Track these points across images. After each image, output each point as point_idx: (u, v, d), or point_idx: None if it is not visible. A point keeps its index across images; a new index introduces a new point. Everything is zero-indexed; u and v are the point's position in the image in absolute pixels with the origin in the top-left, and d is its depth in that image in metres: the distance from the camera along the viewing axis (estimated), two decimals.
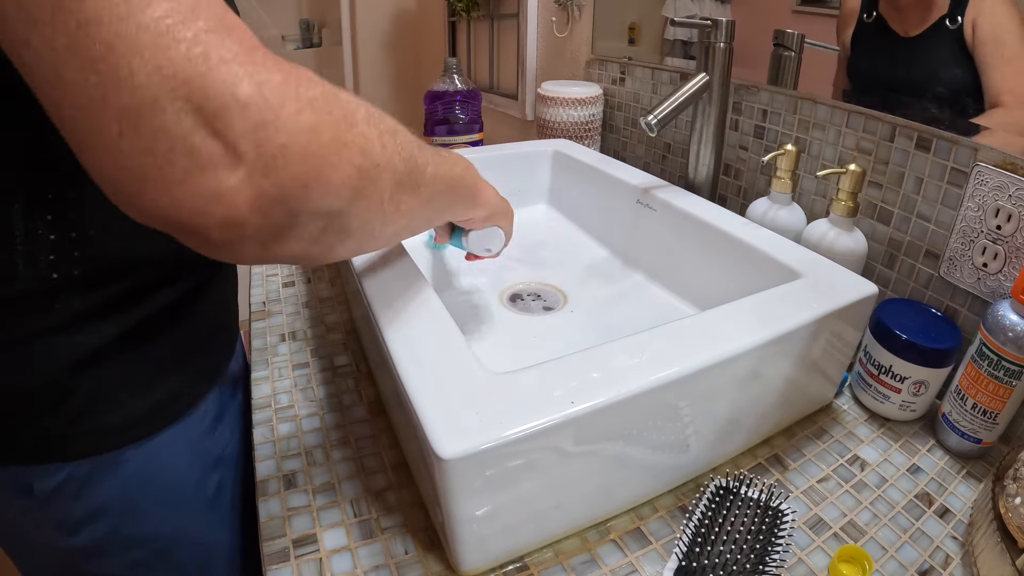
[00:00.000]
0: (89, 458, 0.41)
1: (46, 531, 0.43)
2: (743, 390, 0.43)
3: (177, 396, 0.45)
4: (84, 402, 0.39)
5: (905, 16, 0.55)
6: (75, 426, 0.39)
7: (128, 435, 0.42)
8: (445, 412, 0.33)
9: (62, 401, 0.38)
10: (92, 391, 0.39)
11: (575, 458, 0.36)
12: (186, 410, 0.46)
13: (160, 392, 0.43)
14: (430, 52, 1.79)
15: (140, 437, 0.43)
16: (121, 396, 0.41)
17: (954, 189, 0.53)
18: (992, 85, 0.50)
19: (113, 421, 0.41)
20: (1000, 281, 0.49)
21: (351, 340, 0.62)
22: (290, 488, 0.44)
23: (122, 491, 0.43)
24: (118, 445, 0.42)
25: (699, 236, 0.60)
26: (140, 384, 0.42)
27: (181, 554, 0.48)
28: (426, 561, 0.39)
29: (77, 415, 0.39)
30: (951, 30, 0.51)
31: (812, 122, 0.66)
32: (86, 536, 0.43)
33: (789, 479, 0.46)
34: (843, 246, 0.57)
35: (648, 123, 0.60)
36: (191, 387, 0.46)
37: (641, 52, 0.94)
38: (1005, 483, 0.39)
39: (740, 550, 0.36)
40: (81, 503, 0.42)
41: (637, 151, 0.96)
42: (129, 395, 0.41)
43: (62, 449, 0.40)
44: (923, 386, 0.50)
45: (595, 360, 0.37)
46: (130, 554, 0.46)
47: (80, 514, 0.42)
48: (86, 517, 0.42)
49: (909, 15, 0.55)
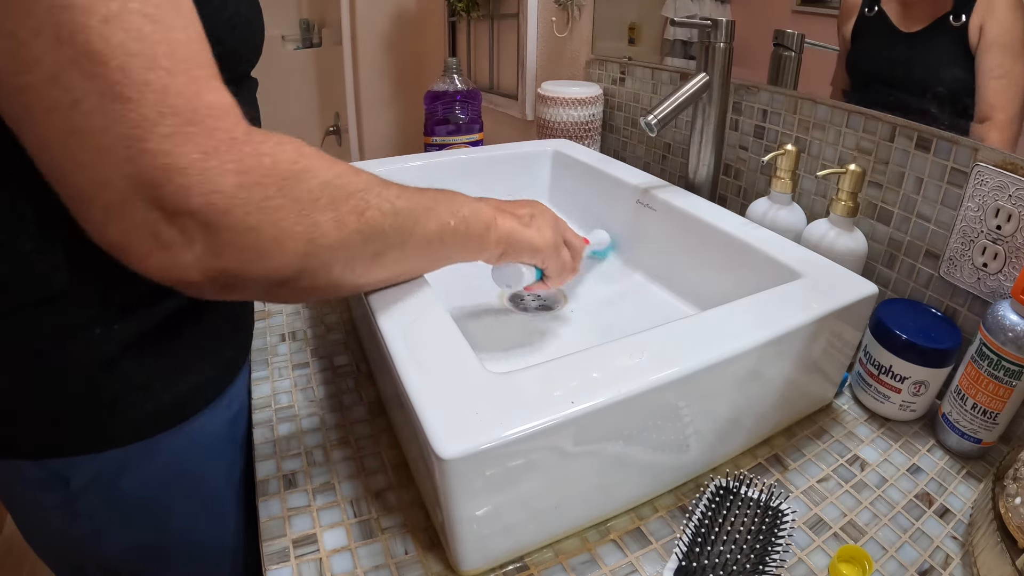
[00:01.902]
0: (124, 447, 0.42)
1: (79, 522, 0.44)
2: (743, 390, 0.43)
3: (203, 386, 0.47)
4: (116, 393, 0.40)
5: (908, 11, 0.55)
6: (110, 416, 0.41)
7: (162, 423, 0.44)
8: (445, 412, 0.33)
9: (95, 393, 0.40)
10: (124, 383, 0.40)
11: (575, 458, 0.36)
12: (212, 399, 0.47)
13: (187, 383, 0.45)
14: (430, 52, 1.79)
15: (173, 424, 0.44)
16: (153, 386, 0.42)
17: (954, 189, 0.53)
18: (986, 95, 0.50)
19: (146, 410, 0.42)
20: (1000, 281, 0.49)
21: (351, 340, 0.62)
22: (290, 488, 0.44)
23: (156, 477, 0.44)
24: (152, 433, 0.43)
25: (699, 236, 0.60)
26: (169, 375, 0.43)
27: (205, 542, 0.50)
28: (426, 561, 0.39)
29: (111, 405, 0.40)
30: (955, 27, 0.51)
31: (812, 122, 0.66)
32: (118, 525, 0.45)
33: (789, 479, 0.46)
34: (843, 246, 0.57)
35: (648, 123, 0.60)
36: (216, 378, 0.48)
37: (641, 52, 0.94)
38: (1005, 483, 0.39)
39: (740, 550, 0.36)
40: (115, 492, 0.43)
41: (637, 151, 0.96)
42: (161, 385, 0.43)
43: (98, 440, 0.41)
44: (923, 386, 0.50)
45: (595, 360, 0.37)
46: (158, 542, 0.47)
47: (114, 502, 0.44)
48: (120, 505, 0.44)
49: (912, 10, 0.54)
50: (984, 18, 0.49)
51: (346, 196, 0.33)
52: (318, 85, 2.42)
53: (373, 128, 1.90)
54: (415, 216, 0.38)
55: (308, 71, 2.41)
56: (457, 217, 0.42)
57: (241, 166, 0.28)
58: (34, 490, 0.42)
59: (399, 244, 0.38)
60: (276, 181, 0.29)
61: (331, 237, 0.32)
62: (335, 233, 0.32)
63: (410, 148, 1.94)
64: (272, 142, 0.30)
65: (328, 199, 0.32)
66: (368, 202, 0.34)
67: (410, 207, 0.38)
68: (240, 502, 0.52)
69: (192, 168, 0.27)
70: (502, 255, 0.47)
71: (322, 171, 0.32)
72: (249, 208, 0.28)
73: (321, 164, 0.32)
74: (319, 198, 0.31)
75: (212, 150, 0.27)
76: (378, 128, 1.91)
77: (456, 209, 0.42)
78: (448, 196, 0.43)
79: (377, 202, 0.35)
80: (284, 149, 0.30)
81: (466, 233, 0.43)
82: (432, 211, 0.40)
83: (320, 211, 0.31)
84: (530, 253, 0.49)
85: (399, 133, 1.94)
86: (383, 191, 0.36)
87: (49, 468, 0.41)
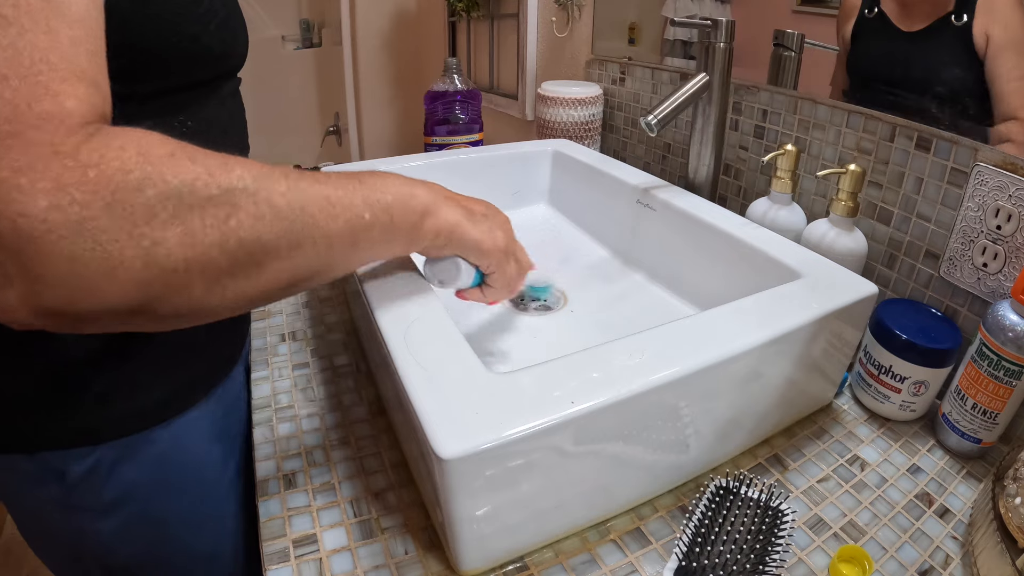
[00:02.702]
0: (119, 440, 0.42)
1: (76, 516, 0.44)
2: (743, 390, 0.43)
3: (197, 380, 0.46)
4: (108, 387, 0.40)
5: (909, 11, 0.55)
6: (104, 409, 0.41)
7: (155, 416, 0.44)
8: (445, 412, 0.33)
9: (85, 386, 0.39)
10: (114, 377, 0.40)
11: (575, 458, 0.36)
12: (207, 393, 0.47)
13: (180, 376, 0.44)
14: (430, 52, 1.79)
15: (167, 417, 0.44)
16: (145, 380, 0.42)
17: (954, 189, 0.53)
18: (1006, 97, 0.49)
19: (140, 403, 0.42)
20: (1000, 281, 0.49)
21: (351, 340, 0.62)
22: (290, 488, 0.44)
23: (151, 471, 0.45)
24: (146, 426, 0.43)
25: (699, 236, 0.60)
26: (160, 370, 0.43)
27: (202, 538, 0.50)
28: (426, 561, 0.39)
29: (104, 399, 0.40)
30: (956, 27, 0.51)
31: (812, 122, 0.66)
32: (116, 519, 0.45)
33: (789, 479, 0.46)
34: (843, 246, 0.57)
35: (648, 123, 0.60)
36: (210, 372, 0.48)
37: (641, 52, 0.94)
38: (1005, 483, 0.39)
39: (740, 550, 0.36)
40: (112, 485, 0.43)
41: (637, 151, 0.96)
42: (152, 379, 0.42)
43: (92, 433, 0.41)
44: (923, 386, 0.50)
45: (595, 360, 0.37)
46: (155, 537, 0.47)
47: (111, 496, 0.44)
48: (117, 499, 0.44)
49: (913, 10, 0.54)
50: (988, 23, 0.49)
51: (200, 204, 0.27)
52: (318, 85, 2.42)
53: (373, 128, 1.90)
54: (308, 215, 0.32)
55: (308, 71, 2.41)
56: (376, 208, 0.35)
57: (57, 183, 0.23)
58: (30, 484, 0.43)
59: (287, 250, 0.31)
60: (102, 197, 0.24)
61: (176, 256, 0.27)
62: (182, 251, 0.27)
63: (410, 148, 1.94)
64: (114, 147, 0.25)
65: (171, 211, 0.26)
66: (235, 206, 0.29)
67: (301, 204, 0.32)
68: (238, 497, 0.52)
69: (3, 185, 0.23)
70: (441, 248, 0.41)
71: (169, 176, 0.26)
72: (64, 232, 0.24)
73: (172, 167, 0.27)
74: (158, 212, 0.26)
75: (26, 166, 0.23)
76: (378, 128, 1.91)
77: (377, 198, 0.36)
78: (371, 182, 0.36)
79: (249, 205, 0.29)
80: (121, 155, 0.25)
81: (389, 226, 0.37)
82: (339, 204, 0.34)
83: (160, 227, 0.26)
84: (476, 253, 0.42)
85: (399, 133, 1.94)
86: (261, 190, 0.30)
87: (43, 461, 0.41)
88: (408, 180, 0.39)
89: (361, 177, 0.36)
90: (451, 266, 0.43)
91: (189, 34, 0.37)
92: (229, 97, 0.47)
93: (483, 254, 0.43)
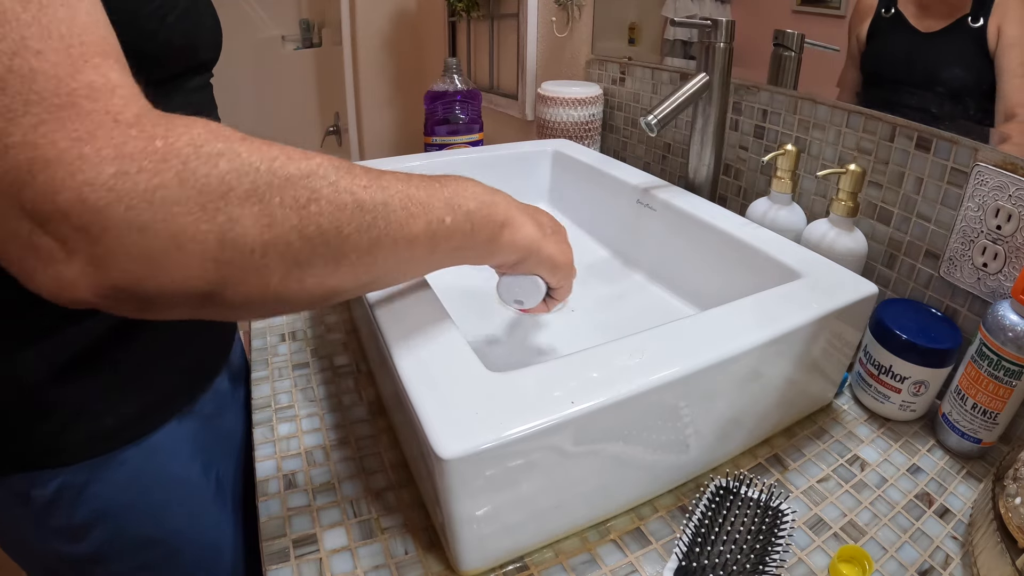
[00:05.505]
0: (84, 462, 0.40)
1: (51, 540, 0.42)
2: (743, 390, 0.43)
3: (171, 396, 0.45)
4: (71, 408, 0.38)
5: (926, 12, 0.54)
6: (66, 431, 0.39)
7: (123, 436, 0.42)
8: (445, 412, 0.33)
9: (49, 408, 0.38)
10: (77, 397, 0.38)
11: (575, 458, 0.36)
12: (183, 407, 0.45)
13: (152, 393, 0.43)
14: (430, 52, 1.79)
15: (136, 437, 0.42)
16: (112, 399, 0.40)
17: (954, 189, 0.53)
18: (1009, 94, 0.49)
19: (106, 424, 0.40)
20: (1000, 281, 0.49)
21: (351, 340, 0.62)
22: (290, 488, 0.44)
23: (123, 492, 0.43)
24: (114, 447, 0.41)
25: (699, 236, 0.60)
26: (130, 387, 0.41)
27: (188, 554, 0.48)
28: (426, 561, 0.39)
29: (67, 421, 0.39)
30: (972, 29, 0.50)
31: (812, 122, 0.66)
32: (91, 542, 0.43)
33: (789, 479, 0.46)
34: (843, 246, 0.57)
35: (648, 123, 0.60)
36: (185, 385, 0.46)
37: (641, 52, 0.94)
38: (1005, 483, 0.39)
39: (740, 550, 0.36)
40: (82, 508, 0.41)
41: (637, 151, 0.96)
42: (119, 398, 0.40)
43: (55, 454, 0.39)
44: (923, 386, 0.50)
45: (595, 360, 0.37)
46: (137, 558, 0.45)
47: (82, 519, 0.42)
48: (89, 522, 0.42)
49: (930, 11, 0.54)
50: (1001, 20, 0.49)
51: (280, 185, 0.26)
52: (318, 85, 2.42)
53: (373, 128, 1.90)
54: (391, 210, 0.31)
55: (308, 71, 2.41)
56: (458, 213, 0.34)
57: (122, 150, 0.22)
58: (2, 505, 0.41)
59: (368, 245, 0.30)
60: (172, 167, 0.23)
61: (253, 236, 0.25)
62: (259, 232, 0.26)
63: (410, 148, 1.94)
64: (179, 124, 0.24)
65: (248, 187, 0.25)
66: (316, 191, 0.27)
67: (384, 199, 0.30)
68: (233, 500, 0.51)
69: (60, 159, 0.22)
70: (515, 264, 0.40)
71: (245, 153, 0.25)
72: (132, 202, 0.23)
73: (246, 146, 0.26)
74: (233, 187, 0.25)
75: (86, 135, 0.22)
76: (378, 128, 1.91)
77: (459, 203, 0.34)
78: (453, 185, 0.35)
79: (330, 193, 0.28)
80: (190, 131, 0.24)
81: (470, 234, 0.35)
82: (419, 205, 0.32)
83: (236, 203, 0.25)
84: (550, 270, 0.41)
85: (399, 133, 1.94)
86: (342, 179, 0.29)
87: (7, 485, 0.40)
88: (488, 188, 0.37)
89: (442, 180, 0.35)
90: (531, 286, 0.42)
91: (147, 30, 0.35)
92: (196, 92, 0.44)
93: (555, 269, 0.42)
